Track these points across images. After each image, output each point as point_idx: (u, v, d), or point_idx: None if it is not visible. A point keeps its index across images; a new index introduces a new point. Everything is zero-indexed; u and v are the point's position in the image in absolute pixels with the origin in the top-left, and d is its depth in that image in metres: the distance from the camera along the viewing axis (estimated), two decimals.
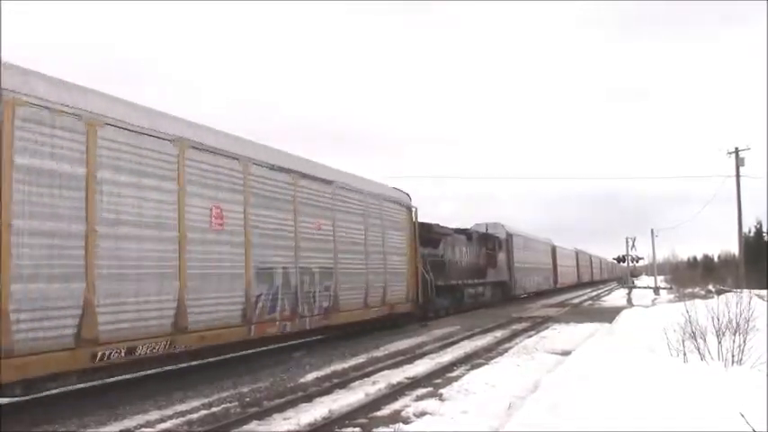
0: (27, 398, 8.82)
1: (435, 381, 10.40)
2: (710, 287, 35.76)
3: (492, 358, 12.88)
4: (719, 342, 8.79)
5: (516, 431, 5.92)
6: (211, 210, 10.43)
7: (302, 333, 13.65)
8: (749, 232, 49.03)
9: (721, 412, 5.17)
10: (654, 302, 31.03)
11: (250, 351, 13.00)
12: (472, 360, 12.72)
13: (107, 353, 8.26)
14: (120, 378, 10.27)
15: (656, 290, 45.86)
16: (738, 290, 21.56)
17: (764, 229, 50.22)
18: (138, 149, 9.14)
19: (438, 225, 24.54)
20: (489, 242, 31.25)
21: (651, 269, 68.28)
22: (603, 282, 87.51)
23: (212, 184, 10.54)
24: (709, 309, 9.60)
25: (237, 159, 11.32)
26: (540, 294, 42.74)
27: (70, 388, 9.40)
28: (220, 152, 10.86)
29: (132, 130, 9.06)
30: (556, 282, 49.12)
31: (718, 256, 79.99)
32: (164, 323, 9.25)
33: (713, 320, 9.32)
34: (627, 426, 5.28)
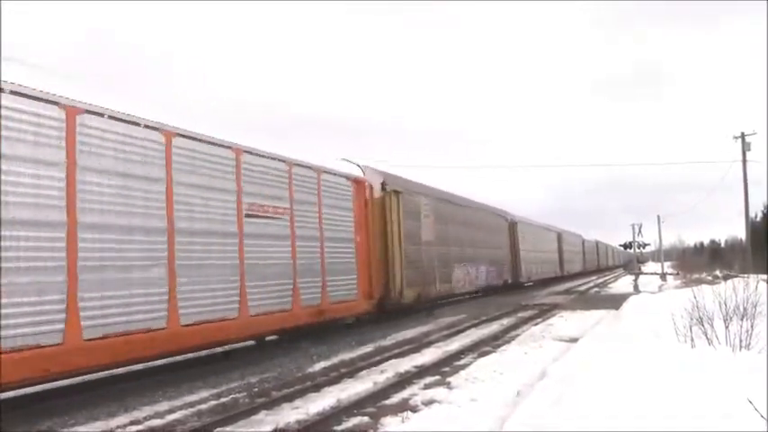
0: (37, 390, 8.90)
1: (443, 369, 10.43)
2: (717, 272, 35.70)
3: (499, 346, 12.90)
4: (727, 327, 8.77)
5: (520, 431, 5.91)
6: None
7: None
8: (755, 217, 48.84)
9: (730, 397, 5.17)
10: (661, 289, 31.02)
11: (247, 342, 13.03)
12: (479, 348, 12.76)
13: None
14: (127, 369, 10.34)
15: (663, 276, 45.75)
16: (745, 275, 21.50)
17: None
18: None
19: None
20: None
21: (658, 255, 68.08)
22: (609, 269, 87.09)
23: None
24: (717, 294, 9.59)
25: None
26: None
27: (79, 380, 9.48)
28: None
29: None
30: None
31: (725, 242, 79.80)
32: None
33: (720, 306, 9.30)
34: (636, 413, 5.28)
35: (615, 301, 22.02)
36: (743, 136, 36.67)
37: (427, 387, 9.00)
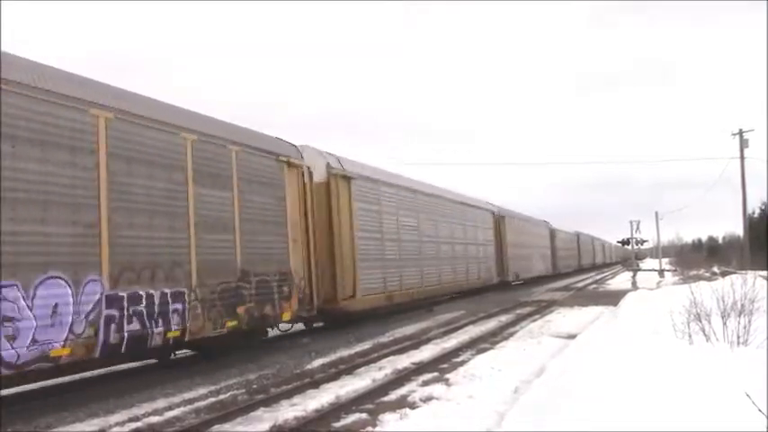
0: (35, 387, 8.90)
1: (441, 366, 10.44)
2: (715, 269, 35.73)
3: (497, 343, 12.91)
4: (725, 323, 8.79)
5: (517, 429, 5.92)
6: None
7: None
8: (753, 214, 48.91)
9: (727, 392, 5.18)
10: (659, 285, 31.05)
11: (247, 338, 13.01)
12: (477, 345, 12.76)
13: None
14: (127, 366, 10.34)
15: (661, 272, 45.80)
16: (743, 271, 21.54)
17: None
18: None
19: None
20: None
21: (656, 252, 68.17)
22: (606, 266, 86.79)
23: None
24: (714, 290, 9.60)
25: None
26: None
27: (78, 377, 9.49)
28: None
29: None
30: None
31: (723, 238, 79.96)
32: None
33: (718, 302, 9.32)
34: (634, 410, 5.29)
35: (613, 298, 22.06)
36: (741, 133, 36.68)
37: (425, 384, 9.01)
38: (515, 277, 33.01)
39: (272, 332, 13.58)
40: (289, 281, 12.48)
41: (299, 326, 14.95)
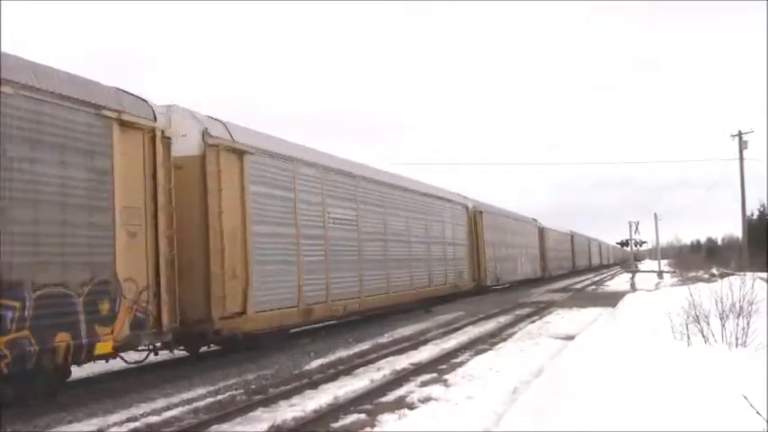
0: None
1: (440, 367, 10.44)
2: (714, 270, 35.76)
3: (496, 344, 12.93)
4: (723, 325, 8.80)
5: (516, 429, 5.93)
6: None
7: None
8: (752, 215, 48.94)
9: (725, 394, 5.18)
10: (657, 286, 31.06)
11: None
12: (476, 346, 12.77)
13: None
14: (125, 366, 10.34)
15: (660, 274, 45.81)
16: (742, 273, 21.56)
17: None
18: None
19: None
20: None
21: (654, 253, 68.12)
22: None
23: None
24: (713, 292, 9.62)
25: None
26: None
27: (75, 377, 9.47)
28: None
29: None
30: None
31: (722, 240, 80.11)
32: None
33: (717, 303, 9.33)
34: (631, 411, 5.30)
35: (612, 299, 22.09)
36: (740, 134, 36.71)
37: (424, 384, 9.01)
38: (496, 281, 29.18)
39: (114, 365, 10.03)
40: (113, 293, 8.33)
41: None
